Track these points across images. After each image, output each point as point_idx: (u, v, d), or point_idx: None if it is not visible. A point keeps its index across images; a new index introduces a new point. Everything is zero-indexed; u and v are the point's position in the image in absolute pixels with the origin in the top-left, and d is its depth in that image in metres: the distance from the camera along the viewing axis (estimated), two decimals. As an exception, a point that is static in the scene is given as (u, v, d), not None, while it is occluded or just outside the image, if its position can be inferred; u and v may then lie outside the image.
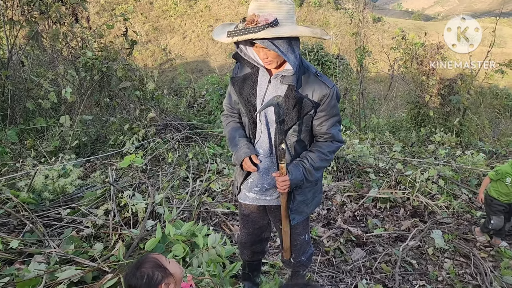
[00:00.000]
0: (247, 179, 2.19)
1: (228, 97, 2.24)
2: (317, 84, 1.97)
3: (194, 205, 3.79)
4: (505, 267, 3.39)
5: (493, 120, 13.17)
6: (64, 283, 2.41)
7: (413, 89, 10.22)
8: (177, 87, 10.40)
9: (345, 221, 4.18)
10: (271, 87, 1.99)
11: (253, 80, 2.03)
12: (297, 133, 2.03)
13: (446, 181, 5.19)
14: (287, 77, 1.94)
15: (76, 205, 3.51)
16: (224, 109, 2.32)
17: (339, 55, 11.07)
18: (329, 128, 2.03)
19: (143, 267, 1.67)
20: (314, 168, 2.04)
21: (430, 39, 11.24)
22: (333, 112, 2.03)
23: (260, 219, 2.39)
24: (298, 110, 1.96)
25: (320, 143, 2.08)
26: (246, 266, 2.70)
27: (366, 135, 8.11)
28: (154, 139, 5.51)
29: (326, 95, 1.97)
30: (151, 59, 36.83)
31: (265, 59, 1.87)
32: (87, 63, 5.52)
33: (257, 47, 1.86)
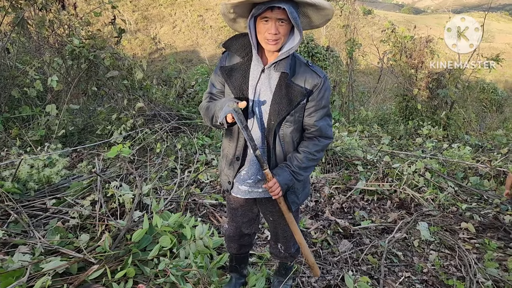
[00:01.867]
0: (240, 172, 2.15)
1: (211, 87, 2.13)
2: (308, 73, 1.96)
3: (182, 196, 3.77)
4: (489, 259, 3.44)
5: (480, 113, 13.32)
6: (49, 274, 2.38)
7: (402, 82, 10.28)
8: (167, 77, 10.28)
9: (332, 213, 4.21)
10: (264, 76, 1.96)
11: (245, 70, 1.97)
12: (290, 123, 2.00)
13: (432, 174, 5.24)
14: (281, 64, 1.91)
15: (62, 195, 3.46)
16: (205, 99, 2.16)
17: (329, 47, 11.05)
18: (317, 120, 2.02)
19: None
20: (301, 168, 2.03)
21: (420, 33, 11.29)
22: (322, 103, 2.01)
23: (249, 212, 2.38)
24: (290, 99, 1.93)
25: (307, 143, 2.06)
26: (233, 259, 2.69)
27: (355, 127, 8.14)
28: (142, 130, 5.46)
29: (317, 85, 1.96)
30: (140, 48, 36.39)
31: (275, 35, 1.80)
32: (74, 51, 5.42)
33: (268, 21, 1.79)
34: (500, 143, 7.88)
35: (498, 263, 3.40)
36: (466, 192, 5.16)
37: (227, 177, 2.19)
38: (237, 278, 2.73)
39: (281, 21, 1.78)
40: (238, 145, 2.09)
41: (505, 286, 3.07)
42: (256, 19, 1.83)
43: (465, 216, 4.42)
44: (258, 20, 1.82)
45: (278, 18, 1.77)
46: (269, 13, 1.76)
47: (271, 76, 1.96)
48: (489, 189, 5.24)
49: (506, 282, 3.10)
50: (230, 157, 2.13)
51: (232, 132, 2.10)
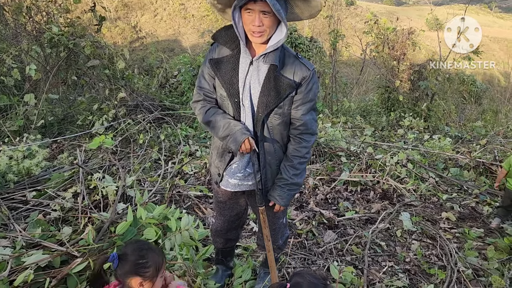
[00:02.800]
0: (231, 165, 2.12)
1: (201, 81, 2.06)
2: (297, 66, 1.94)
3: (167, 188, 3.74)
4: (469, 248, 3.52)
5: (459, 105, 13.56)
6: (31, 268, 2.33)
7: (384, 74, 10.36)
8: (148, 66, 10.12)
9: (317, 204, 4.23)
10: (253, 68, 1.92)
11: (235, 62, 1.93)
12: (279, 115, 1.99)
13: (414, 165, 5.32)
14: (270, 56, 1.88)
15: (43, 187, 3.38)
16: (197, 94, 2.10)
17: (312, 37, 11.04)
18: (304, 113, 2.01)
19: (150, 254, 1.69)
20: (297, 175, 2.10)
21: (402, 24, 11.38)
22: (309, 96, 2.00)
23: (237, 206, 2.37)
24: (279, 91, 1.92)
25: (296, 146, 2.07)
26: (219, 253, 2.69)
27: (338, 119, 8.19)
28: (124, 120, 5.36)
29: (306, 77, 1.94)
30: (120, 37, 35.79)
31: (259, 27, 1.77)
32: (53, 39, 5.26)
33: (251, 13, 1.76)
34: (479, 134, 8.04)
35: (477, 252, 3.49)
36: (447, 182, 5.26)
37: (217, 169, 2.17)
38: (223, 270, 2.73)
39: (264, 13, 1.74)
40: None
41: (485, 274, 3.15)
42: (242, 11, 1.80)
43: (445, 206, 4.51)
44: (243, 12, 1.79)
45: (262, 10, 1.74)
46: (252, 5, 1.73)
47: (259, 68, 1.93)
48: (469, 180, 5.35)
49: (486, 270, 3.18)
50: (222, 149, 2.10)
51: None
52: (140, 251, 1.69)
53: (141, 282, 1.66)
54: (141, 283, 1.66)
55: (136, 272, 1.65)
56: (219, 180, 2.18)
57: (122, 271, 1.67)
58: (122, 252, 1.70)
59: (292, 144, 2.09)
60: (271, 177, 2.13)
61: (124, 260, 1.67)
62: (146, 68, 10.12)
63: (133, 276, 1.66)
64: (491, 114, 11.77)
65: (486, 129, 8.60)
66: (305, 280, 1.51)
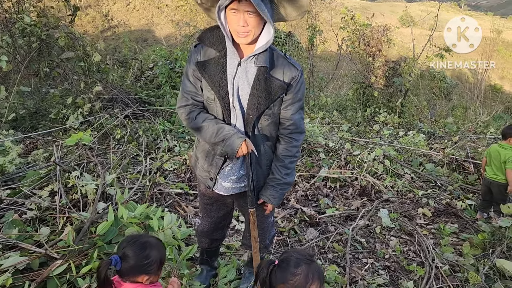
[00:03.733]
0: (224, 168, 2.09)
1: (187, 84, 1.98)
2: (286, 66, 1.94)
3: (147, 186, 3.67)
4: (445, 244, 3.62)
5: (430, 101, 13.91)
6: (9, 271, 2.24)
7: (360, 70, 10.49)
8: (123, 58, 9.88)
9: (297, 200, 4.25)
10: (241, 69, 1.89)
11: (223, 63, 1.89)
12: (269, 116, 1.98)
13: (390, 161, 5.42)
14: (260, 58, 1.87)
15: (17, 185, 3.25)
16: (183, 98, 2.00)
17: (290, 32, 11.05)
18: (293, 113, 2.01)
19: (152, 252, 1.69)
20: (288, 175, 2.11)
21: (376, 21, 11.52)
22: (299, 96, 2.00)
23: (224, 207, 2.35)
24: (270, 93, 1.90)
25: (286, 146, 2.07)
26: (204, 253, 2.66)
27: (316, 114, 8.24)
28: (101, 115, 5.22)
29: (295, 77, 1.94)
30: (91, 25, 34.76)
31: (244, 27, 1.74)
32: (25, 30, 5.05)
33: (236, 13, 1.73)
34: (451, 131, 8.26)
35: (453, 248, 3.59)
36: (422, 178, 5.39)
37: (209, 174, 2.12)
38: (208, 270, 2.71)
39: (249, 12, 1.72)
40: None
41: (461, 270, 3.25)
42: (227, 11, 1.77)
43: (421, 202, 4.62)
44: (228, 12, 1.75)
45: (246, 10, 1.71)
46: (237, 5, 1.71)
47: (248, 69, 1.90)
48: (443, 176, 5.49)
49: (461, 266, 3.28)
50: (212, 152, 2.06)
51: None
52: (143, 251, 1.67)
53: (147, 278, 1.69)
54: (148, 278, 1.69)
55: (141, 272, 1.67)
56: (212, 184, 2.14)
57: (126, 272, 1.67)
58: (123, 253, 1.67)
59: (282, 144, 2.09)
60: (261, 178, 2.13)
61: (127, 262, 1.65)
62: (121, 59, 9.88)
63: (139, 275, 1.67)
64: (461, 110, 12.12)
65: (457, 125, 8.85)
66: (292, 257, 1.60)
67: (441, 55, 10.26)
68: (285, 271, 1.58)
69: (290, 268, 1.57)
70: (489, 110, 12.43)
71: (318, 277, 1.58)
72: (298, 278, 1.56)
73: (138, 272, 1.66)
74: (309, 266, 1.58)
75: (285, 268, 1.58)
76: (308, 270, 1.56)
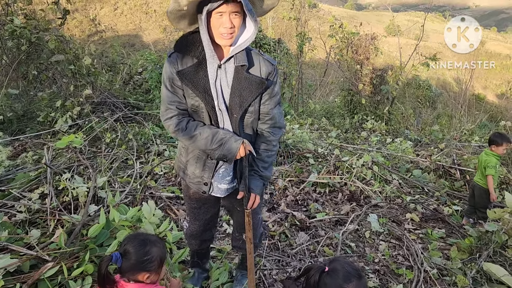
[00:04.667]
0: (218, 171, 2.10)
1: (169, 95, 1.95)
2: (262, 62, 1.98)
3: (138, 189, 3.65)
4: (433, 249, 3.67)
5: (416, 109, 14.12)
6: (0, 273, 2.22)
7: (348, 77, 10.62)
8: (111, 62, 9.84)
9: (287, 205, 4.28)
10: (221, 72, 1.91)
11: (205, 69, 1.89)
12: (251, 113, 2.01)
13: (379, 167, 5.49)
14: (239, 57, 1.89)
15: (7, 187, 3.22)
16: (168, 110, 1.97)
17: (280, 39, 11.14)
18: (272, 108, 2.05)
19: (153, 248, 1.70)
20: (266, 169, 2.14)
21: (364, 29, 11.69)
22: (276, 90, 2.05)
23: (212, 208, 2.37)
24: (251, 90, 1.92)
25: (264, 139, 2.11)
26: (195, 255, 2.67)
27: (305, 120, 8.31)
28: (90, 118, 5.19)
29: (271, 73, 1.99)
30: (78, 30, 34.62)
31: (230, 29, 1.76)
32: (15, 32, 5.01)
33: (223, 15, 1.73)
34: (437, 138, 8.40)
35: (441, 252, 3.65)
36: (409, 184, 5.46)
37: (202, 179, 2.12)
38: (200, 273, 2.72)
39: (235, 13, 1.75)
40: None
41: (449, 273, 3.30)
42: (209, 14, 1.77)
43: (409, 208, 4.68)
44: (212, 15, 1.76)
45: (233, 11, 1.74)
46: (225, 7, 1.72)
47: (227, 70, 1.93)
48: (430, 182, 5.58)
49: (449, 269, 3.33)
50: (204, 157, 2.06)
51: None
52: (143, 247, 1.69)
53: (148, 276, 1.70)
54: (148, 276, 1.70)
55: (142, 269, 1.68)
56: (208, 189, 2.14)
57: (127, 269, 1.67)
58: (124, 250, 1.68)
59: (261, 138, 2.12)
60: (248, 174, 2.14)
61: (128, 259, 1.66)
62: (109, 64, 9.83)
63: (139, 273, 1.68)
64: (446, 118, 12.33)
65: (443, 133, 9.00)
66: (342, 268, 1.61)
67: (427, 64, 10.45)
68: (334, 281, 1.60)
69: (339, 280, 1.59)
70: (473, 119, 12.66)
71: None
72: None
73: (139, 269, 1.67)
74: (359, 282, 1.60)
75: (335, 279, 1.60)
76: (358, 286, 1.58)
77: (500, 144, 4.27)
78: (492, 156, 4.28)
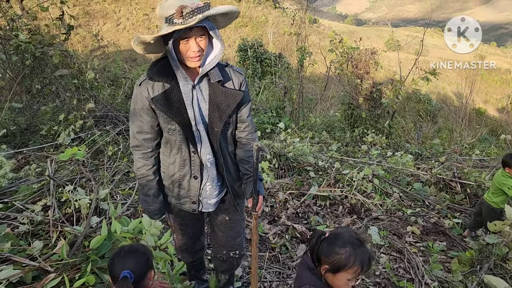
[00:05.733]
0: (204, 188, 2.13)
1: (139, 124, 1.97)
2: (233, 74, 2.04)
3: (140, 201, 3.68)
4: (434, 261, 3.67)
5: (417, 123, 14.18)
6: (3, 283, 2.24)
7: (348, 91, 10.69)
8: (114, 76, 9.95)
9: (288, 218, 4.29)
10: (196, 91, 1.95)
11: (178, 93, 1.91)
12: (229, 124, 2.06)
13: (379, 180, 5.50)
14: (213, 74, 1.93)
15: (10, 199, 3.25)
16: (134, 139, 2.02)
17: (281, 54, 11.27)
18: (247, 115, 2.12)
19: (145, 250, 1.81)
20: (259, 172, 2.20)
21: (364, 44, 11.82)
22: (248, 98, 2.12)
23: (198, 221, 2.40)
24: (229, 103, 1.96)
25: (247, 147, 2.16)
26: (191, 268, 2.70)
27: (305, 134, 8.35)
28: (92, 131, 5.24)
29: (242, 82, 2.05)
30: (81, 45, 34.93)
31: (196, 52, 1.79)
32: (20, 47, 5.09)
33: (188, 40, 1.77)
34: (438, 152, 8.42)
35: (442, 265, 3.65)
36: (410, 197, 5.47)
37: (189, 199, 2.14)
38: (200, 284, 2.74)
39: (200, 36, 1.79)
40: (192, 163, 2.04)
41: (449, 286, 3.30)
42: (176, 42, 1.79)
43: (410, 221, 4.68)
44: (180, 42, 1.79)
45: (200, 34, 1.79)
46: (189, 33, 1.76)
47: (202, 88, 1.97)
48: (430, 195, 5.59)
49: (450, 282, 3.33)
50: (187, 178, 2.08)
51: (182, 153, 2.03)
52: (143, 255, 1.76)
53: (153, 273, 1.80)
54: (154, 273, 1.81)
55: (148, 268, 1.77)
56: (197, 206, 2.17)
57: (141, 276, 1.73)
58: (126, 267, 1.69)
59: (243, 147, 2.17)
60: (233, 183, 2.19)
61: (138, 269, 1.71)
62: (112, 78, 9.94)
63: (149, 271, 1.77)
64: (446, 132, 12.37)
65: (444, 146, 9.02)
66: (341, 235, 1.69)
67: (426, 78, 10.53)
68: (330, 246, 1.66)
69: (335, 246, 1.64)
70: (474, 133, 12.69)
71: (360, 262, 1.62)
72: (338, 257, 1.62)
73: (147, 268, 1.75)
74: (354, 249, 1.63)
75: (332, 244, 1.66)
76: (351, 253, 1.61)
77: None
78: (509, 178, 4.25)
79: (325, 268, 1.67)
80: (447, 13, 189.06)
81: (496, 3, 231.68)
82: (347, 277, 1.64)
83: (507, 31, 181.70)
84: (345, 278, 1.64)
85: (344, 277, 1.64)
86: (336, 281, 1.67)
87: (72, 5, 35.65)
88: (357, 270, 1.62)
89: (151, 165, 2.07)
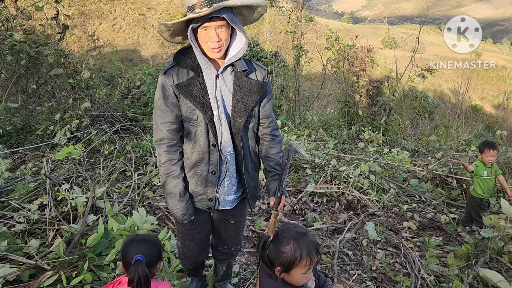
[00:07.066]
0: (222, 184, 2.11)
1: (164, 114, 1.94)
2: (256, 67, 2.05)
3: (136, 200, 3.68)
4: (430, 256, 3.69)
5: (413, 120, 14.20)
6: (0, 282, 2.24)
7: (345, 89, 10.71)
8: (110, 76, 9.93)
9: (285, 215, 4.30)
10: (220, 81, 1.96)
11: (202, 81, 1.92)
12: (253, 117, 2.06)
13: (376, 176, 5.52)
14: (239, 64, 1.94)
15: (6, 199, 3.25)
16: (159, 131, 1.97)
17: (277, 52, 11.27)
18: (270, 110, 2.14)
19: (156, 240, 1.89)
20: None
21: (361, 42, 11.83)
22: (271, 93, 2.14)
23: (206, 226, 2.32)
24: (252, 94, 1.97)
25: (271, 144, 2.18)
26: (190, 269, 2.63)
27: (302, 131, 8.36)
28: (88, 131, 5.23)
29: (265, 76, 2.07)
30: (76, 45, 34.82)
31: (218, 42, 1.80)
32: (14, 46, 5.08)
33: (208, 30, 1.79)
34: (434, 148, 8.45)
35: (438, 260, 3.67)
36: (406, 193, 5.49)
37: (205, 195, 2.09)
38: (198, 280, 2.73)
39: (220, 27, 1.80)
40: (211, 158, 2.01)
41: (445, 280, 3.32)
42: (196, 30, 1.82)
43: (406, 216, 4.71)
44: (198, 31, 1.81)
45: (218, 25, 1.79)
46: (208, 23, 1.77)
47: (226, 78, 1.98)
48: (426, 191, 5.61)
49: (446, 276, 3.35)
50: (205, 173, 2.04)
51: (202, 146, 1.99)
52: (155, 245, 1.82)
53: (161, 263, 1.87)
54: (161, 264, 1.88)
55: (158, 258, 1.82)
56: (213, 204, 2.12)
57: (152, 262, 1.77)
58: (139, 252, 1.72)
59: (267, 143, 2.18)
60: (250, 181, 2.16)
61: (150, 256, 1.75)
62: (108, 78, 9.93)
63: (159, 261, 1.83)
64: (443, 129, 12.40)
65: (440, 143, 9.05)
66: (282, 234, 1.70)
67: (423, 75, 10.55)
68: (276, 247, 1.66)
69: (280, 246, 1.64)
70: (471, 129, 12.73)
71: (308, 253, 1.62)
72: (286, 256, 1.63)
73: (157, 257, 1.81)
74: (297, 243, 1.63)
75: (277, 245, 1.66)
76: (296, 248, 1.62)
77: (482, 151, 4.31)
78: (480, 163, 4.33)
79: (278, 270, 1.68)
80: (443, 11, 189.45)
81: (492, 0, 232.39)
82: (301, 272, 1.65)
83: (503, 28, 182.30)
84: (300, 273, 1.66)
85: (298, 272, 1.65)
86: (292, 278, 1.69)
87: (68, 5, 35.51)
88: (307, 262, 1.63)
89: (176, 159, 2.01)
